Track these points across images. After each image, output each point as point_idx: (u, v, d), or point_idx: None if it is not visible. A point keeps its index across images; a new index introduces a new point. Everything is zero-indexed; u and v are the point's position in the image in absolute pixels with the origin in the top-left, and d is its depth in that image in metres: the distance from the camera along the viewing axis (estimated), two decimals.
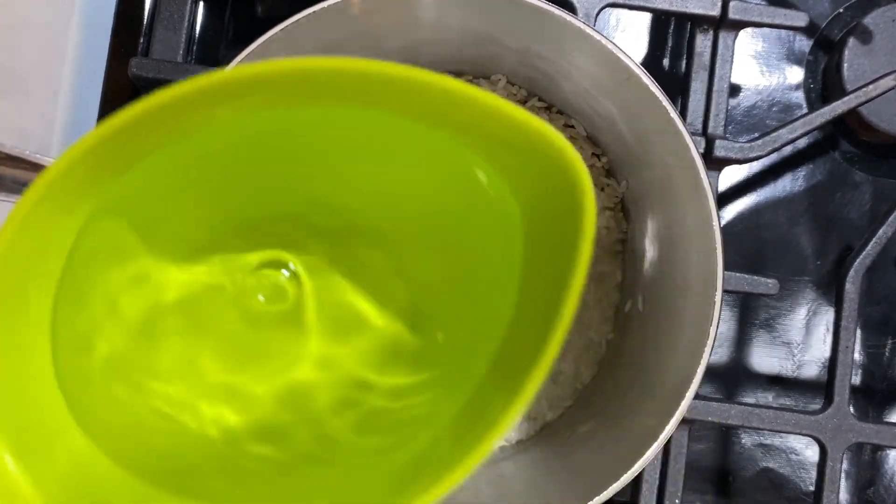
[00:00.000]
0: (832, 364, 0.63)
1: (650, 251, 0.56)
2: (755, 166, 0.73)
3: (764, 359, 0.71)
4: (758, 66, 0.75)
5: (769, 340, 0.71)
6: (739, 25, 0.65)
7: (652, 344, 0.52)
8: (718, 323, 0.44)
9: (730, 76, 0.66)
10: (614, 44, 0.45)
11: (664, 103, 0.45)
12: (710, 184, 0.44)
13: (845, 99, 0.65)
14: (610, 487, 0.43)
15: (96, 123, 0.67)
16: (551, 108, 0.61)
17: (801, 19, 0.65)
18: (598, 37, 0.44)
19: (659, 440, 0.43)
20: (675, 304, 0.50)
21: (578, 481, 0.47)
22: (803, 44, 0.74)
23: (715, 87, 0.65)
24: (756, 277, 0.61)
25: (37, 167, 0.41)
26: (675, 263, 0.50)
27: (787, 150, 0.72)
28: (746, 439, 0.71)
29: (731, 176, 0.71)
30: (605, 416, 0.53)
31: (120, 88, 0.67)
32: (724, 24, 0.65)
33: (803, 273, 0.72)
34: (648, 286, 0.56)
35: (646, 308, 0.57)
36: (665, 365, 0.48)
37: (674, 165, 0.47)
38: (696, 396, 0.47)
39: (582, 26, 0.44)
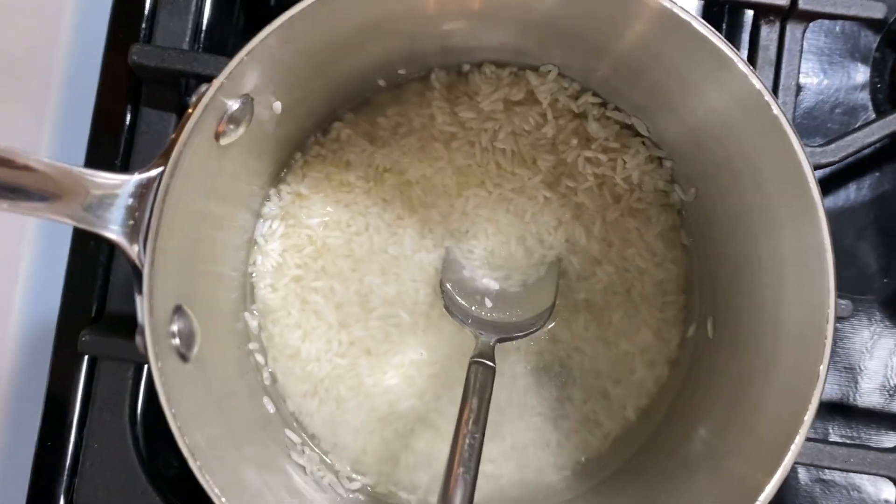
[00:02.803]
0: None
1: (726, 269, 0.49)
2: (818, 172, 0.66)
3: (826, 386, 0.63)
4: (819, 64, 0.68)
5: (830, 364, 0.64)
6: (810, 17, 0.58)
7: (734, 375, 0.45)
8: (829, 362, 0.37)
9: (798, 73, 0.59)
10: (709, 27, 0.38)
11: (767, 98, 0.38)
12: (820, 198, 0.37)
13: None
14: None
15: (92, 118, 0.60)
16: (607, 104, 0.54)
17: (878, 10, 0.59)
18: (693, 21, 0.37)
19: (766, 493, 0.36)
20: (764, 334, 0.43)
21: None
22: (869, 39, 0.68)
23: (782, 84, 0.59)
24: None
25: (24, 169, 0.35)
26: (764, 288, 0.43)
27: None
28: (804, 475, 0.64)
29: None
30: (686, 461, 0.46)
31: (117, 78, 0.60)
32: (794, 14, 0.58)
33: (868, 291, 0.65)
34: (722, 306, 0.49)
35: (718, 334, 0.50)
36: (757, 406, 0.41)
37: (768, 171, 0.41)
38: None
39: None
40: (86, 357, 0.61)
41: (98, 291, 0.62)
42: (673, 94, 0.45)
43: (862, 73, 0.68)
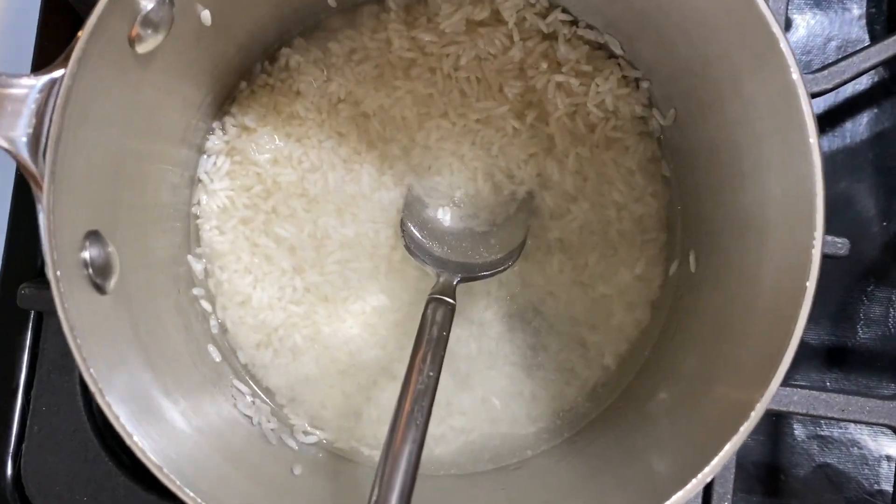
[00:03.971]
0: None
1: (705, 194, 0.45)
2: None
3: (821, 335, 0.59)
4: None
5: (826, 313, 0.60)
6: None
7: (717, 308, 0.42)
8: (819, 270, 0.33)
9: (787, 4, 0.55)
10: None
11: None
12: (808, 98, 0.33)
13: None
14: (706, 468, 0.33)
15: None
16: (578, 22, 0.50)
17: None
18: None
19: (740, 432, 0.33)
20: (748, 256, 0.39)
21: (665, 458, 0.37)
22: None
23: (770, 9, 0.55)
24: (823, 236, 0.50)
25: None
26: (745, 205, 0.39)
27: (848, 91, 0.62)
28: (800, 431, 0.60)
29: None
30: (666, 406, 0.42)
31: None
32: None
33: (866, 235, 0.61)
34: (704, 239, 0.45)
35: (700, 268, 0.46)
36: (740, 329, 0.38)
37: (752, 79, 0.36)
38: None
39: None
40: (32, 313, 0.58)
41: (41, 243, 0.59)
42: None
43: (857, 4, 0.63)
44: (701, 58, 0.40)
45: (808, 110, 0.33)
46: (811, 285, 0.33)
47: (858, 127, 0.62)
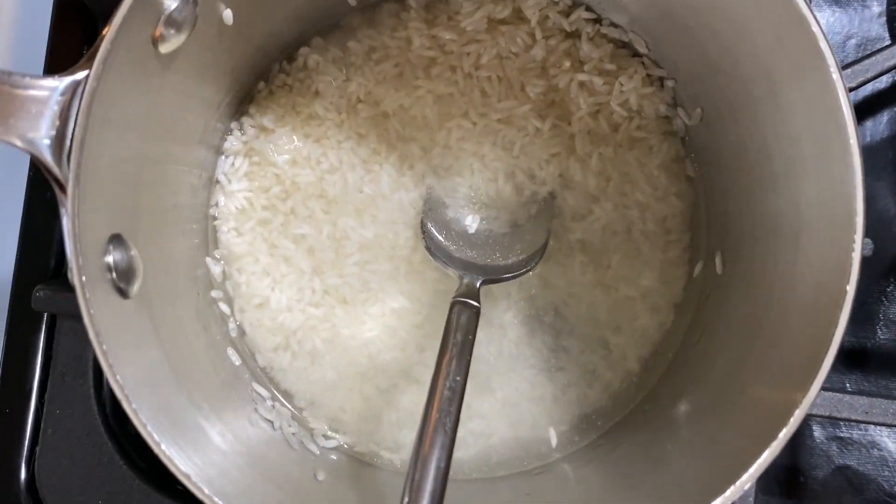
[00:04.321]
0: None
1: (732, 195, 0.44)
2: None
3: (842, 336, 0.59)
4: None
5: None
6: None
7: (746, 310, 0.41)
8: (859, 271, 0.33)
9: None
10: None
11: None
12: (848, 100, 0.32)
13: None
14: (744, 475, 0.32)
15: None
16: (601, 20, 0.49)
17: None
18: None
19: (780, 437, 0.32)
20: (781, 258, 0.38)
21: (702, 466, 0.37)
22: None
23: None
24: None
25: None
26: (777, 207, 0.39)
27: (868, 89, 0.61)
28: (819, 432, 0.59)
29: None
30: (697, 410, 0.41)
31: None
32: None
33: (887, 235, 0.60)
34: (731, 240, 0.45)
35: (727, 269, 0.45)
36: (772, 332, 0.37)
37: (785, 73, 0.35)
38: None
39: None
40: (45, 316, 0.58)
41: (56, 245, 0.58)
42: None
43: (877, 1, 0.63)
44: (731, 57, 0.39)
45: (849, 111, 0.32)
46: (851, 289, 0.32)
47: (879, 126, 0.61)
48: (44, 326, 0.58)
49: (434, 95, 0.51)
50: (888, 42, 0.62)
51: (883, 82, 0.61)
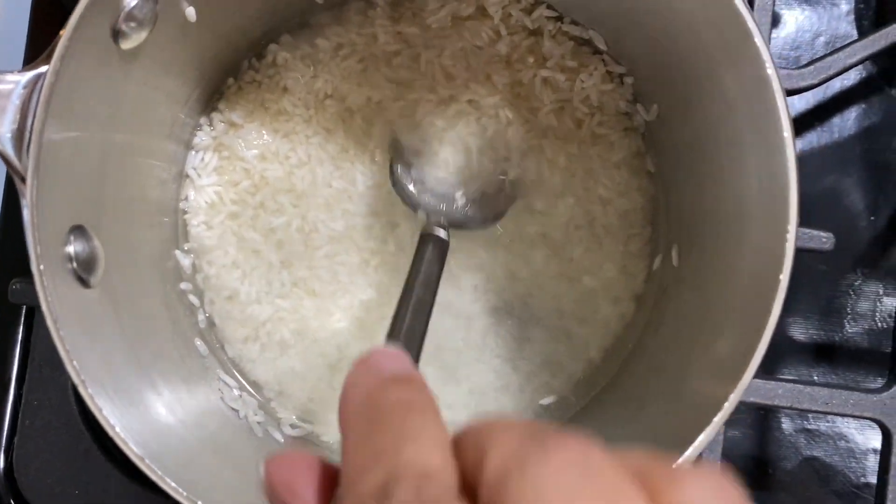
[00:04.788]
0: None
1: (687, 188, 0.45)
2: (799, 106, 0.62)
3: (809, 329, 0.60)
4: None
5: (815, 308, 0.60)
6: None
7: (697, 302, 0.42)
8: (792, 264, 0.34)
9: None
10: None
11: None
12: (782, 93, 0.33)
13: None
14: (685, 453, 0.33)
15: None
16: (563, 18, 0.50)
17: None
18: None
19: (714, 422, 0.33)
20: (727, 251, 0.39)
21: None
22: None
23: (756, 5, 0.55)
24: (808, 231, 0.50)
25: None
26: (724, 200, 0.40)
27: (836, 86, 0.62)
28: (787, 424, 0.60)
29: None
30: (645, 397, 0.42)
31: None
32: None
33: (854, 230, 0.61)
34: (686, 233, 0.46)
35: (682, 262, 0.46)
36: (713, 329, 0.38)
37: (730, 73, 0.37)
38: None
39: None
40: (23, 308, 0.59)
41: None
42: None
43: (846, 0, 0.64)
44: (680, 53, 0.40)
45: (783, 105, 0.33)
46: (784, 278, 0.33)
47: (847, 122, 0.62)
48: (22, 319, 0.59)
49: (397, 83, 0.52)
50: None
51: (851, 79, 0.62)
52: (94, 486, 0.57)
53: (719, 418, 0.33)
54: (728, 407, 0.33)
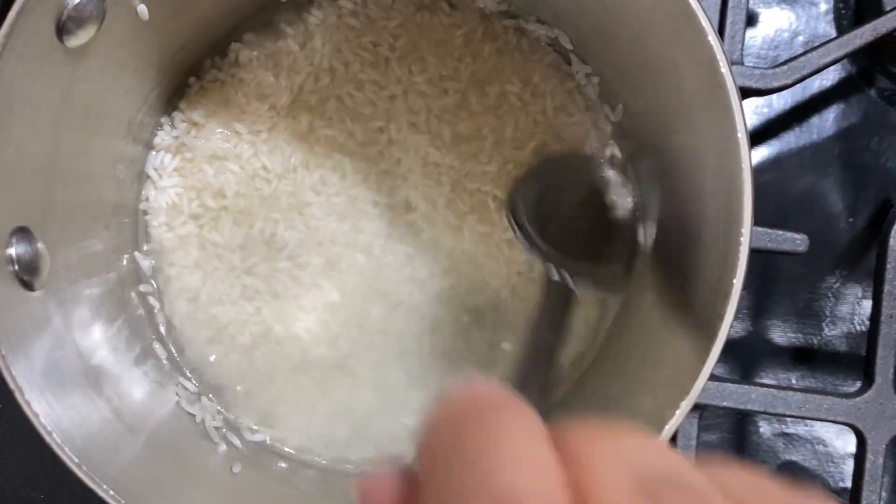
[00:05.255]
0: (872, 338, 0.51)
1: (652, 192, 0.44)
2: (777, 106, 0.61)
3: (787, 333, 0.59)
4: None
5: (793, 311, 0.59)
6: None
7: (660, 307, 0.41)
8: (745, 276, 0.33)
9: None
10: None
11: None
12: (736, 93, 0.33)
13: (887, 17, 0.54)
14: None
15: None
16: (528, 18, 0.50)
17: None
18: None
19: (665, 431, 0.32)
20: (688, 255, 0.39)
21: None
22: None
23: (730, 4, 0.54)
24: (782, 232, 0.50)
25: None
26: (686, 203, 0.39)
27: (815, 86, 0.61)
28: (765, 428, 0.60)
29: (748, 117, 0.59)
30: (605, 399, 0.42)
31: None
32: None
33: (833, 232, 0.60)
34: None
35: (645, 264, 0.46)
36: (672, 333, 0.37)
37: (688, 74, 0.36)
38: (710, 377, 0.36)
39: None
40: None
41: None
42: None
43: None
44: (642, 52, 0.40)
45: (737, 105, 0.33)
46: (738, 283, 0.32)
47: (825, 122, 0.61)
48: None
49: (364, 84, 0.51)
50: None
51: (829, 78, 0.62)
52: (60, 487, 0.56)
53: (671, 425, 0.33)
54: (680, 413, 0.32)
